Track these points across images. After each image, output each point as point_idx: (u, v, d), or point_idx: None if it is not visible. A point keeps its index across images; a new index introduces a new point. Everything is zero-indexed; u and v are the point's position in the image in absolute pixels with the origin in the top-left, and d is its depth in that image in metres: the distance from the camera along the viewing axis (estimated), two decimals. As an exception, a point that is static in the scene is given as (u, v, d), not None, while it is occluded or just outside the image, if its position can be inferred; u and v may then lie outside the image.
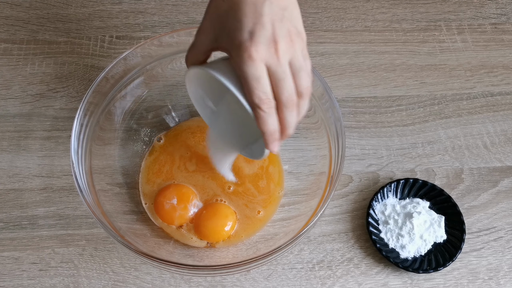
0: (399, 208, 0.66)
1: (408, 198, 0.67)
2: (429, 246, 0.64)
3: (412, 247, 0.64)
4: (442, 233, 0.64)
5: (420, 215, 0.64)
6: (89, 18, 0.81)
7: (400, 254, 0.64)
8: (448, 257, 0.63)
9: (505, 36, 0.82)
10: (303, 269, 0.64)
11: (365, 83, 0.77)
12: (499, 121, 0.75)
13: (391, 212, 0.66)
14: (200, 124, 0.70)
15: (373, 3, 0.85)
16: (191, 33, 0.65)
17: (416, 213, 0.64)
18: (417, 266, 0.63)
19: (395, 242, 0.64)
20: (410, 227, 0.64)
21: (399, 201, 0.67)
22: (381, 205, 0.66)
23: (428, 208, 0.66)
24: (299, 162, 0.68)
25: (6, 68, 0.76)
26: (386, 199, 0.67)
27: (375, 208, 0.66)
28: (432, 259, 0.64)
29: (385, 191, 0.67)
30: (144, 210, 0.65)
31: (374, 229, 0.65)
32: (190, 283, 0.63)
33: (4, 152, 0.70)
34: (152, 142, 0.69)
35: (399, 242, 0.64)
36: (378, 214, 0.66)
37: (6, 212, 0.66)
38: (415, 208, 0.65)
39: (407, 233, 0.64)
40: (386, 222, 0.65)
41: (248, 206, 0.65)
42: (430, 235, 0.64)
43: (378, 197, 0.67)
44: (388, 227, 0.65)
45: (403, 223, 0.64)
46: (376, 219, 0.66)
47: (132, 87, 0.66)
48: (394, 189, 0.67)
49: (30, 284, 0.62)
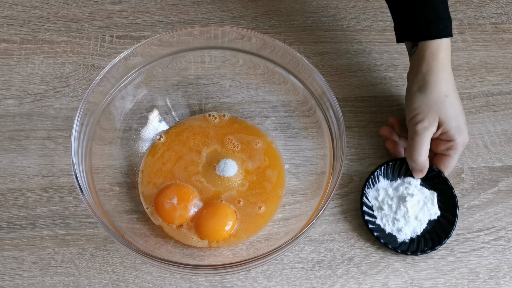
0: (392, 191, 0.66)
1: (399, 179, 0.67)
2: (424, 225, 0.65)
3: (408, 229, 0.64)
4: (436, 209, 0.65)
5: (413, 196, 0.65)
6: (89, 17, 0.81)
7: (398, 238, 0.64)
8: (444, 235, 0.64)
9: (506, 35, 0.82)
10: (304, 268, 0.64)
11: (365, 83, 0.77)
12: (499, 120, 0.75)
13: (384, 197, 0.66)
14: (201, 124, 0.70)
15: (373, 2, 0.84)
16: (191, 33, 0.65)
17: (409, 195, 0.64)
18: (414, 248, 0.64)
19: (391, 227, 0.65)
20: (404, 211, 0.64)
21: (390, 183, 0.67)
22: (373, 190, 0.67)
23: (420, 186, 0.66)
24: (300, 162, 0.68)
25: (6, 67, 0.76)
26: (378, 184, 0.67)
27: (368, 195, 0.66)
28: (428, 238, 0.64)
29: (376, 175, 0.67)
30: (144, 209, 0.65)
31: (370, 217, 0.65)
32: (190, 282, 0.63)
33: (5, 151, 0.70)
34: (152, 141, 0.69)
35: (395, 226, 0.64)
36: (372, 201, 0.66)
37: (7, 211, 0.66)
38: (407, 189, 0.65)
39: (402, 217, 0.64)
40: (380, 208, 0.65)
41: (249, 205, 0.65)
42: (424, 214, 0.65)
43: (370, 182, 0.67)
44: (383, 213, 0.65)
45: (397, 207, 0.65)
46: (370, 205, 0.66)
47: (132, 87, 0.66)
48: (384, 172, 0.67)
49: (31, 283, 0.62)
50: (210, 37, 0.66)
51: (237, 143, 0.68)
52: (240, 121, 0.71)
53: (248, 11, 0.83)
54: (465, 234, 0.67)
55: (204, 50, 0.68)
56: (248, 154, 0.68)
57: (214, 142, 0.69)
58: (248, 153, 0.68)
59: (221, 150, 0.68)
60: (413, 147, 0.64)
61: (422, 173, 0.66)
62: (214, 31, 0.65)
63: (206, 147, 0.68)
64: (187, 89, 0.71)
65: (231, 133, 0.69)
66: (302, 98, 0.66)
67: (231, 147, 0.68)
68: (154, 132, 0.69)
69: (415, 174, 0.66)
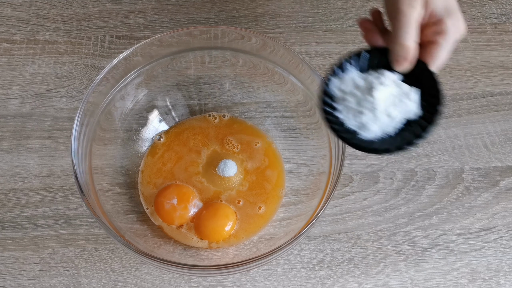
0: (360, 81, 0.52)
1: (375, 72, 0.52)
2: (399, 124, 0.51)
3: (375, 126, 0.51)
4: (415, 108, 0.51)
5: (386, 87, 0.51)
6: (89, 18, 0.81)
7: (360, 135, 0.51)
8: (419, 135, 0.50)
9: (505, 36, 0.82)
10: (303, 269, 0.64)
11: (365, 83, 0.77)
12: (499, 121, 0.75)
13: (350, 87, 0.52)
14: (201, 124, 0.70)
15: (374, 2, 0.84)
16: (191, 33, 0.65)
17: (380, 85, 0.50)
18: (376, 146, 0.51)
19: (353, 121, 0.51)
20: (372, 102, 0.50)
21: (362, 74, 0.53)
22: (338, 80, 0.52)
23: (399, 81, 0.52)
24: (299, 162, 0.68)
25: (6, 68, 0.76)
26: (346, 74, 0.53)
27: (331, 84, 0.52)
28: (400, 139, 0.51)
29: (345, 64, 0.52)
30: (144, 210, 0.65)
31: (330, 108, 0.52)
32: (190, 283, 0.63)
33: (5, 152, 0.70)
34: (152, 141, 0.69)
35: (357, 121, 0.51)
36: (335, 91, 0.52)
37: (6, 212, 0.66)
38: (378, 79, 0.51)
39: (368, 110, 0.51)
40: (344, 99, 0.52)
41: (249, 205, 0.65)
42: (398, 111, 0.51)
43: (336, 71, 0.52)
44: (346, 104, 0.52)
45: (364, 98, 0.51)
46: (331, 95, 0.52)
47: (132, 87, 0.66)
48: (356, 62, 0.53)
49: (30, 284, 0.62)
50: (210, 37, 0.66)
51: (237, 143, 0.68)
52: (240, 121, 0.71)
53: (248, 11, 0.83)
54: (465, 234, 0.67)
55: (204, 51, 0.68)
56: (248, 154, 0.68)
57: (214, 142, 0.69)
58: (248, 153, 0.68)
59: (221, 151, 0.68)
60: (398, 27, 0.50)
61: (406, 63, 0.51)
62: (214, 31, 0.65)
63: (206, 148, 0.68)
64: (187, 89, 0.71)
65: (231, 133, 0.69)
66: (302, 99, 0.66)
67: (231, 147, 0.68)
68: (154, 132, 0.69)
69: (398, 64, 0.51)
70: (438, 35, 0.52)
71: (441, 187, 0.69)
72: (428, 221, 0.67)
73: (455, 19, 0.52)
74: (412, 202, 0.69)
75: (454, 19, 0.52)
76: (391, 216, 0.68)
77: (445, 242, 0.66)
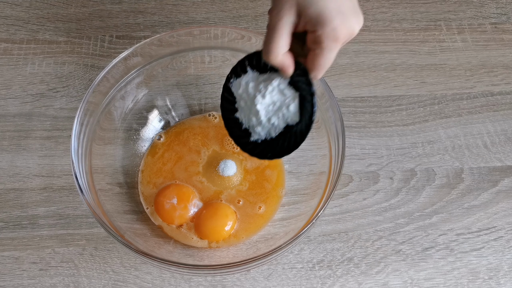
0: (251, 88, 0.54)
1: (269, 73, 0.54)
2: (280, 129, 0.54)
3: (262, 130, 0.55)
4: (293, 115, 0.53)
5: (266, 97, 0.53)
6: (89, 17, 0.81)
7: (252, 136, 0.55)
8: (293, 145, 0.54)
9: (505, 35, 0.82)
10: (303, 268, 0.64)
11: (365, 83, 0.77)
12: (499, 120, 0.75)
13: (242, 92, 0.55)
14: (201, 124, 0.70)
15: (373, 2, 0.85)
16: (191, 33, 0.65)
17: (259, 96, 0.53)
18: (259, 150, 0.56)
19: (247, 124, 0.55)
20: (256, 110, 0.54)
21: (258, 76, 0.54)
22: (237, 82, 0.55)
23: (285, 86, 0.53)
24: (299, 162, 0.68)
25: (6, 68, 0.76)
26: (244, 74, 0.55)
27: (231, 84, 0.55)
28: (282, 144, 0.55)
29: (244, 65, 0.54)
30: (144, 209, 0.65)
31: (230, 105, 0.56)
32: (190, 282, 0.63)
33: (4, 151, 0.70)
34: (152, 141, 0.69)
35: (250, 123, 0.55)
36: (234, 91, 0.56)
37: (6, 211, 0.66)
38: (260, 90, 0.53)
39: (254, 116, 0.54)
40: (240, 99, 0.55)
41: (249, 205, 0.65)
42: (278, 118, 0.54)
43: (238, 70, 0.55)
44: (240, 105, 0.55)
45: (252, 105, 0.54)
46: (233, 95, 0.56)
47: (132, 87, 0.66)
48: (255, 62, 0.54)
49: (31, 283, 0.62)
50: (210, 37, 0.66)
51: (237, 143, 0.68)
52: (240, 121, 0.70)
53: (248, 11, 0.83)
54: (465, 234, 0.67)
55: (204, 50, 0.68)
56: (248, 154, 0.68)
57: (214, 142, 0.69)
58: (248, 153, 0.68)
59: (221, 151, 0.68)
60: (265, 39, 0.51)
61: (284, 71, 0.52)
62: (214, 31, 0.65)
63: (206, 147, 0.68)
64: (187, 89, 0.71)
65: (231, 133, 0.69)
66: (302, 98, 0.66)
67: (231, 147, 0.68)
68: (154, 132, 0.69)
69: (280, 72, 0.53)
70: (314, 44, 0.51)
71: (441, 187, 0.69)
72: (428, 221, 0.67)
73: (328, 27, 0.50)
74: (412, 202, 0.69)
75: (326, 27, 0.50)
76: (391, 216, 0.68)
77: (445, 241, 0.66)
